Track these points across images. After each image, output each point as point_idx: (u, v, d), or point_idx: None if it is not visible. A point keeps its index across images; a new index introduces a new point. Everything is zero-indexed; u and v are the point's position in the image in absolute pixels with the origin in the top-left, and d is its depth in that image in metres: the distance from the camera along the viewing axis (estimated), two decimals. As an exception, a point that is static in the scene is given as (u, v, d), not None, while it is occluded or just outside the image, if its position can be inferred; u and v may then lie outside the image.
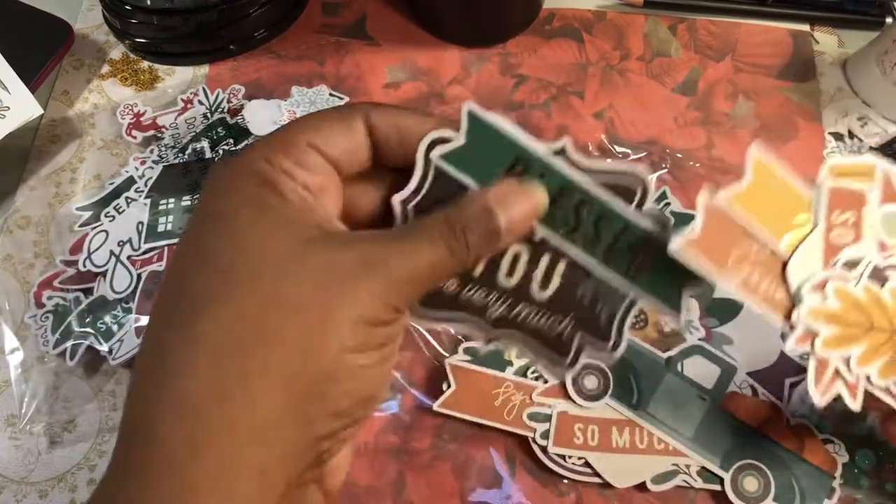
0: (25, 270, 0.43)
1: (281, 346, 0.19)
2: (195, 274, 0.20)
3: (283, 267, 0.20)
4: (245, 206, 0.21)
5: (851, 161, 0.27)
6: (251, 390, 0.19)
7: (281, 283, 0.20)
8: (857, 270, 0.26)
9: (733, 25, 0.53)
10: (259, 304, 0.20)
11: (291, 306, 0.20)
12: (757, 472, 0.35)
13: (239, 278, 0.20)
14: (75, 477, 0.38)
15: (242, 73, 0.50)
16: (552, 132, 0.48)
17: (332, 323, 0.20)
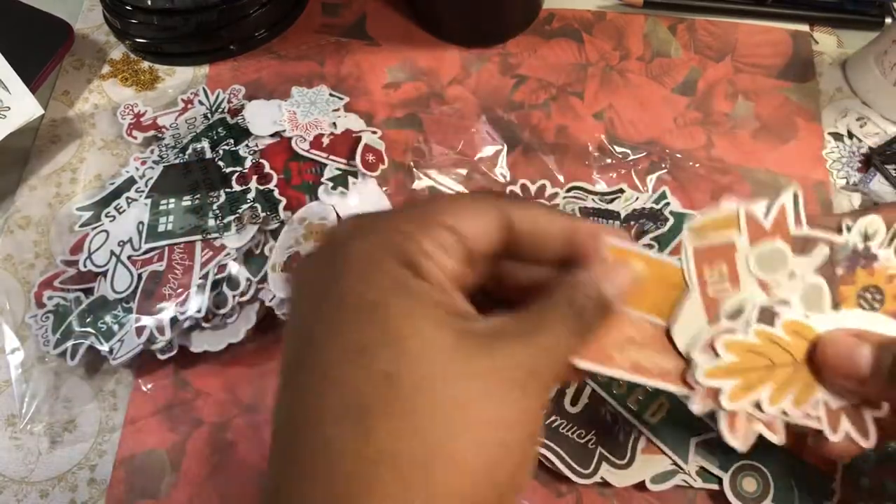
0: (26, 270, 0.43)
1: (459, 469, 0.19)
2: (354, 373, 0.19)
3: (448, 371, 0.20)
4: (394, 293, 0.20)
5: (709, 217, 0.27)
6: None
7: (451, 394, 0.19)
8: (743, 317, 0.26)
9: (733, 26, 0.53)
10: (433, 417, 0.19)
11: (466, 423, 0.19)
12: (756, 472, 0.35)
13: (406, 384, 0.19)
14: (76, 477, 0.38)
15: (243, 73, 0.50)
16: (552, 132, 0.48)
17: (507, 444, 0.20)
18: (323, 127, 0.44)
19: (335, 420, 0.19)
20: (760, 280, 0.26)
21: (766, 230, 0.27)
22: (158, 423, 0.39)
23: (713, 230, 0.27)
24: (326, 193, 0.42)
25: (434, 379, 0.19)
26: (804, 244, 0.27)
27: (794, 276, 0.26)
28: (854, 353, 0.25)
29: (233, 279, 0.39)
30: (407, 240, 0.21)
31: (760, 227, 0.27)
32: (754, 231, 0.27)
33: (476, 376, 0.20)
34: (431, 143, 0.46)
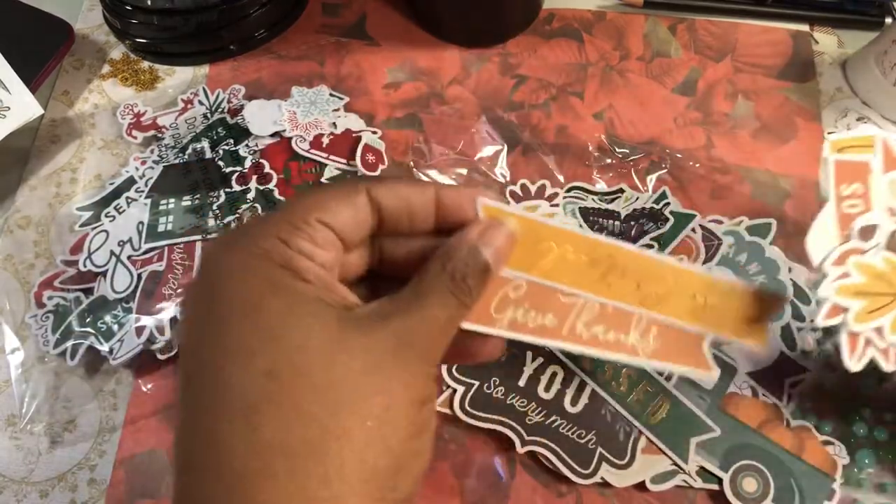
0: (26, 270, 0.43)
1: (351, 443, 0.19)
2: (238, 374, 0.20)
3: (327, 358, 0.20)
4: (271, 294, 0.21)
5: (851, 134, 0.27)
6: (335, 493, 0.19)
7: (331, 377, 0.20)
8: (873, 239, 0.27)
9: (733, 25, 0.53)
10: (315, 402, 0.19)
11: (348, 400, 0.20)
12: (756, 472, 0.35)
13: (287, 377, 0.20)
14: (76, 477, 0.38)
15: (242, 73, 0.50)
16: (552, 132, 0.48)
17: (393, 411, 0.20)
18: (323, 127, 0.44)
19: (224, 421, 0.20)
20: (890, 207, 0.27)
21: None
22: (158, 423, 0.39)
23: (851, 147, 0.27)
24: (326, 193, 0.42)
25: (313, 366, 0.20)
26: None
27: None
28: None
29: (233, 279, 0.39)
30: (280, 243, 0.22)
31: (893, 155, 0.27)
32: (889, 159, 0.27)
33: (353, 355, 0.20)
34: (431, 143, 0.46)
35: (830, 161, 0.27)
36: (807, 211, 0.44)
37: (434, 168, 0.45)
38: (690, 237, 0.41)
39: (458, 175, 0.45)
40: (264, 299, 0.21)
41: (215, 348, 0.21)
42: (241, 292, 0.21)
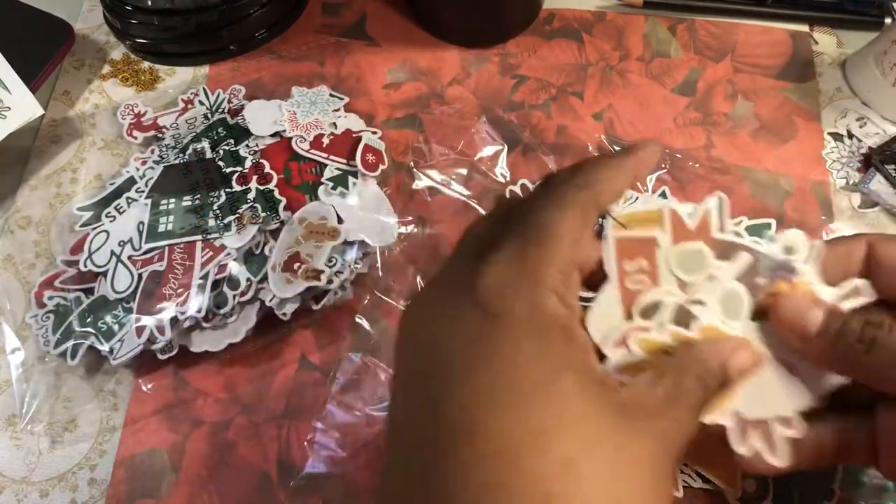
0: (26, 270, 0.43)
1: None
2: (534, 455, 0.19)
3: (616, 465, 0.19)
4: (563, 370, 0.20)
5: (636, 209, 0.27)
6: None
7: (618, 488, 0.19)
8: (658, 316, 0.26)
9: (733, 26, 0.53)
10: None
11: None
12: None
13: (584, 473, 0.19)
14: (76, 477, 0.38)
15: (243, 73, 0.50)
16: (552, 132, 0.48)
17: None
18: (323, 127, 0.44)
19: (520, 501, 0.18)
20: (680, 280, 0.27)
21: (691, 231, 0.27)
22: (158, 423, 0.39)
23: (637, 222, 0.27)
24: (326, 193, 0.42)
25: (604, 469, 0.19)
26: (727, 250, 0.27)
27: (713, 280, 0.27)
28: (808, 312, 0.26)
29: (233, 279, 0.39)
30: (560, 302, 0.20)
31: (685, 228, 0.27)
32: (678, 231, 0.27)
33: (635, 466, 0.20)
34: (431, 144, 0.46)
35: (611, 238, 0.26)
36: (807, 211, 0.45)
37: (434, 168, 0.45)
38: (690, 237, 0.41)
39: (458, 175, 0.45)
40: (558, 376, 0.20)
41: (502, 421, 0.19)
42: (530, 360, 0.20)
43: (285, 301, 0.38)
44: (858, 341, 0.25)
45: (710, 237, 0.27)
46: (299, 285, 0.38)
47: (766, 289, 0.27)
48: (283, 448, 0.38)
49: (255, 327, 0.39)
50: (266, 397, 0.39)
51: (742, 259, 0.27)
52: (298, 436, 0.38)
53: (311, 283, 0.38)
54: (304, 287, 0.38)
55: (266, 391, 0.39)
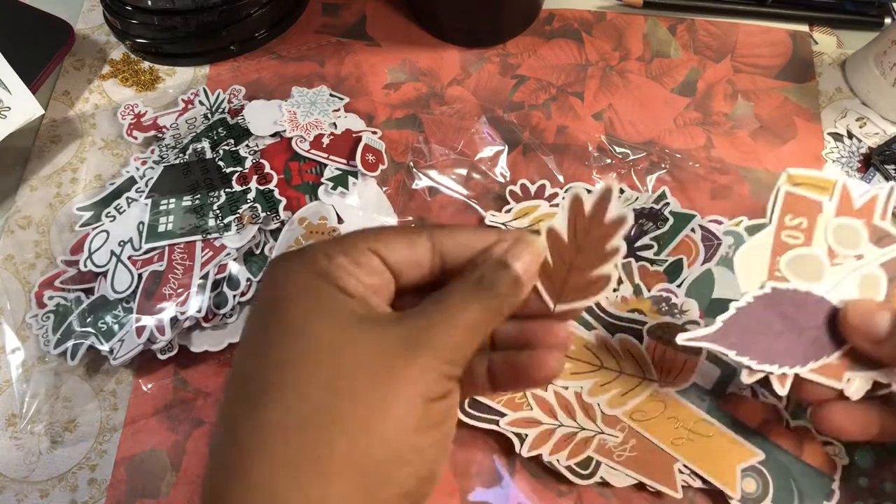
0: (26, 270, 0.43)
1: (345, 429, 0.20)
2: (255, 362, 0.22)
3: (336, 349, 0.21)
4: (301, 295, 0.22)
5: (812, 173, 0.29)
6: (326, 475, 0.20)
7: (336, 366, 0.21)
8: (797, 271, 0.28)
9: (732, 26, 0.53)
10: (319, 387, 0.21)
11: (349, 389, 0.21)
12: (755, 473, 0.35)
13: (296, 363, 0.21)
14: (76, 476, 0.38)
15: (243, 73, 0.50)
16: (552, 132, 0.48)
17: (391, 404, 0.21)
18: (323, 127, 0.44)
19: (237, 407, 0.21)
20: (831, 248, 0.28)
21: (854, 209, 0.28)
22: (158, 423, 0.39)
23: (808, 185, 0.28)
24: (326, 193, 0.42)
25: (322, 357, 0.21)
26: (882, 237, 0.28)
27: (860, 259, 0.28)
28: (875, 316, 0.27)
29: (233, 279, 0.39)
30: (323, 255, 0.23)
31: (850, 204, 0.29)
32: (844, 204, 0.28)
33: (362, 349, 0.21)
34: (431, 144, 0.46)
35: (782, 190, 0.29)
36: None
37: (434, 168, 0.45)
38: (690, 237, 0.41)
39: (457, 175, 0.45)
40: (296, 298, 0.22)
41: (245, 344, 0.23)
42: (276, 293, 0.23)
43: None
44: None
45: (871, 220, 0.28)
46: (299, 285, 0.38)
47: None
48: (283, 448, 0.38)
49: (255, 327, 0.39)
50: (266, 397, 0.39)
51: (892, 249, 0.28)
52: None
53: (311, 283, 0.38)
54: (304, 287, 0.38)
55: (266, 391, 0.39)
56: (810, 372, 0.28)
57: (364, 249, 0.24)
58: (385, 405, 0.21)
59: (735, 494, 0.35)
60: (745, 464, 0.35)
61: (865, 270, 0.28)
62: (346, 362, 0.21)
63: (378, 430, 0.20)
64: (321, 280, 0.23)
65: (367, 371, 0.21)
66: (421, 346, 0.22)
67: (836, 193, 0.28)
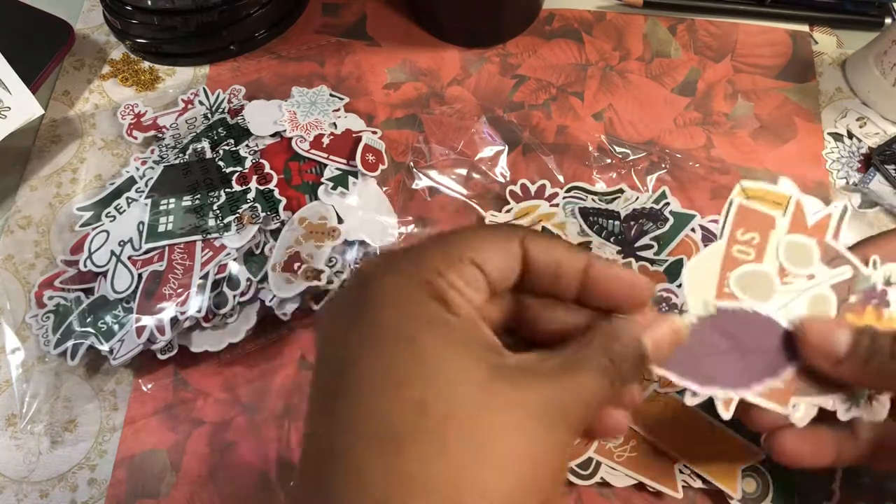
0: (26, 270, 0.43)
1: (485, 495, 0.19)
2: (387, 402, 0.20)
3: (476, 402, 0.20)
4: (426, 326, 0.21)
5: (767, 187, 0.28)
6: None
7: (478, 423, 0.20)
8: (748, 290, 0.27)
9: (732, 26, 0.53)
10: (460, 444, 0.19)
11: (492, 452, 0.20)
12: (756, 472, 0.35)
13: (436, 412, 0.20)
14: (76, 477, 0.38)
15: (243, 73, 0.50)
16: (552, 132, 0.48)
17: (530, 475, 0.20)
18: (323, 127, 0.44)
19: (367, 447, 0.19)
20: (782, 266, 0.27)
21: (808, 227, 0.27)
22: (158, 423, 0.39)
23: (762, 199, 0.27)
24: (326, 193, 0.42)
25: (465, 408, 0.20)
26: (833, 257, 0.27)
27: (811, 280, 0.27)
28: (834, 334, 0.26)
29: (233, 279, 0.39)
30: (436, 275, 0.22)
31: (803, 221, 0.27)
32: (797, 221, 0.27)
33: (506, 409, 0.20)
34: (431, 144, 0.46)
35: (735, 202, 0.27)
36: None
37: (434, 168, 0.45)
38: (690, 237, 0.41)
39: (457, 175, 0.45)
40: (420, 331, 0.21)
41: (366, 371, 0.21)
42: (396, 319, 0.21)
43: (285, 301, 0.38)
44: (892, 357, 0.25)
45: (824, 239, 0.27)
46: (299, 285, 0.38)
47: (852, 308, 0.27)
48: (283, 448, 0.38)
49: (255, 327, 0.39)
50: (266, 397, 0.39)
51: (843, 271, 0.27)
52: (298, 436, 0.38)
53: (311, 283, 0.38)
54: (304, 287, 0.38)
55: (266, 391, 0.39)
56: (756, 396, 0.27)
57: (468, 262, 0.23)
58: (525, 480, 0.20)
59: (735, 494, 0.34)
60: (745, 464, 0.35)
61: (816, 291, 0.27)
62: (489, 423, 0.20)
63: (513, 502, 0.20)
64: (441, 305, 0.21)
65: (510, 438, 0.20)
66: (556, 418, 0.21)
67: (790, 209, 0.27)
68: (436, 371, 0.20)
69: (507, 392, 0.21)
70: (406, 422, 0.20)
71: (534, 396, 0.21)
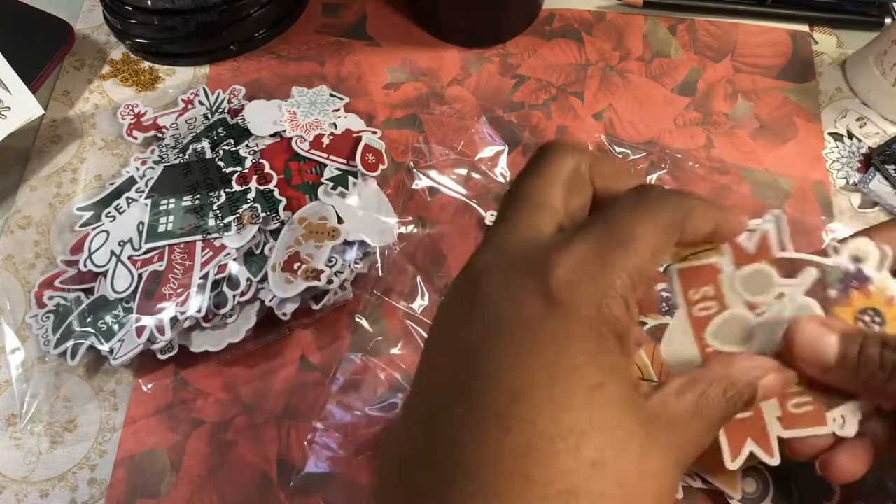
0: (26, 270, 0.43)
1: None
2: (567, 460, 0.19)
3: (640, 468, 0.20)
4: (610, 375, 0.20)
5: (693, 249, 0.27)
6: None
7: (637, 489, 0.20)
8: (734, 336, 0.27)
9: (732, 26, 0.53)
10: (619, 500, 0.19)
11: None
12: (756, 472, 0.35)
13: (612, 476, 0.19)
14: (76, 477, 0.38)
15: (243, 73, 0.50)
16: (552, 132, 0.48)
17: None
18: (323, 127, 0.44)
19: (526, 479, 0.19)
20: (748, 301, 0.27)
21: (751, 254, 0.27)
22: (158, 423, 0.39)
23: (695, 255, 0.27)
24: (326, 193, 0.42)
25: (630, 474, 0.19)
26: (792, 267, 0.27)
27: (782, 298, 0.27)
28: (821, 341, 0.25)
29: (233, 279, 0.39)
30: (625, 307, 0.20)
31: (744, 252, 0.27)
32: (739, 255, 0.27)
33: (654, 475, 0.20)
34: (431, 144, 0.46)
35: (673, 271, 0.27)
36: (807, 211, 0.44)
37: (434, 168, 0.45)
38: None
39: (457, 175, 0.45)
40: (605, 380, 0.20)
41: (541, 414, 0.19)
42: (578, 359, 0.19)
43: (285, 301, 0.38)
44: (880, 368, 0.25)
45: (772, 257, 0.27)
46: (299, 285, 0.38)
47: (840, 301, 0.27)
48: (283, 448, 0.38)
49: (255, 327, 0.39)
50: (266, 397, 0.39)
51: (809, 274, 0.27)
52: (298, 436, 0.38)
53: (311, 283, 0.38)
54: (304, 287, 0.38)
55: (266, 391, 0.39)
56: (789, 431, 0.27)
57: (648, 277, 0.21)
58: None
59: (736, 494, 0.34)
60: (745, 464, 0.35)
61: (793, 306, 0.27)
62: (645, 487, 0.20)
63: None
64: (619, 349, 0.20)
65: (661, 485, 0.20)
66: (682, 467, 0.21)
67: (726, 249, 0.27)
68: (610, 431, 0.19)
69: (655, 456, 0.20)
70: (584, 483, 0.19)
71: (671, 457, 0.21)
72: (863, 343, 0.25)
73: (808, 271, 0.27)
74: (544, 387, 0.19)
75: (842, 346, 0.25)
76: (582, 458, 0.19)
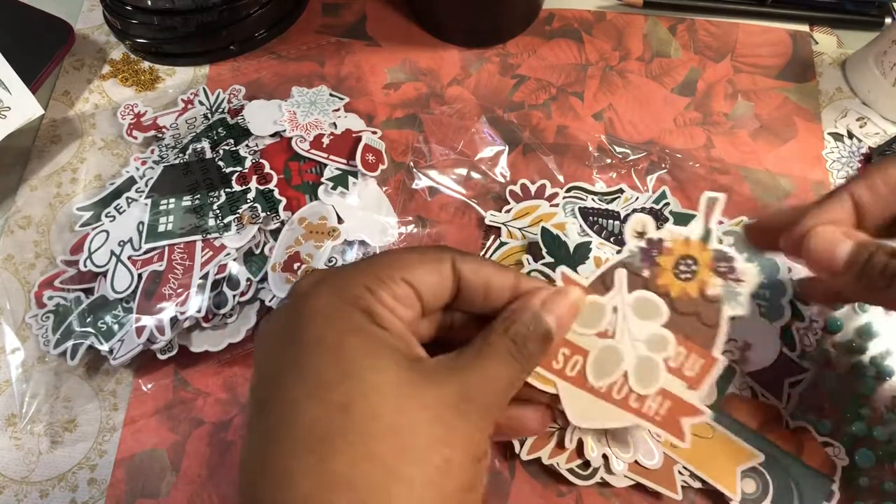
0: (26, 270, 0.43)
1: (411, 489, 0.20)
2: (313, 406, 0.21)
3: (397, 402, 0.21)
4: (351, 334, 0.22)
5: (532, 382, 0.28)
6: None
7: (399, 421, 0.21)
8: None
9: (732, 26, 0.53)
10: (384, 443, 0.20)
11: (413, 447, 0.21)
12: (755, 473, 0.35)
13: (359, 414, 0.21)
14: (76, 476, 0.38)
15: (243, 73, 0.50)
16: (552, 132, 0.48)
17: (452, 464, 0.21)
18: (323, 127, 0.44)
19: (295, 451, 0.20)
20: (597, 333, 0.28)
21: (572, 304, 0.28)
22: (158, 423, 0.39)
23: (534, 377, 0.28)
24: (326, 193, 0.42)
25: (386, 409, 0.21)
26: (604, 283, 0.29)
27: (618, 310, 0.28)
28: (838, 245, 0.27)
29: (233, 279, 0.39)
30: (367, 292, 0.23)
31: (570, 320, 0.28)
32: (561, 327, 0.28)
33: (424, 406, 0.21)
34: (431, 144, 0.46)
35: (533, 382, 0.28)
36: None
37: (434, 168, 0.45)
38: (690, 237, 0.41)
39: (457, 175, 0.45)
40: (344, 338, 0.22)
41: (293, 381, 0.22)
42: (323, 331, 0.22)
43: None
44: (881, 275, 0.25)
45: (583, 287, 0.28)
46: (299, 285, 0.38)
47: (655, 272, 0.29)
48: (283, 448, 0.38)
49: (254, 327, 0.39)
50: (266, 397, 0.39)
51: (619, 275, 0.29)
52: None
53: (311, 284, 0.38)
54: (304, 287, 0.38)
55: (266, 391, 0.39)
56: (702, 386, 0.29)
57: (399, 280, 0.24)
58: (447, 466, 0.21)
59: (735, 496, 0.34)
60: (744, 465, 0.35)
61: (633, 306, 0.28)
62: (409, 419, 0.21)
63: (440, 491, 0.21)
64: (367, 319, 0.23)
65: (429, 430, 0.21)
66: (470, 406, 0.22)
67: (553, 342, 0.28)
68: (358, 376, 0.21)
69: (426, 389, 0.22)
70: (331, 424, 0.20)
71: (447, 390, 0.22)
72: (872, 251, 0.26)
73: (618, 273, 0.29)
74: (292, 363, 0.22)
75: (854, 250, 0.26)
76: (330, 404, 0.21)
